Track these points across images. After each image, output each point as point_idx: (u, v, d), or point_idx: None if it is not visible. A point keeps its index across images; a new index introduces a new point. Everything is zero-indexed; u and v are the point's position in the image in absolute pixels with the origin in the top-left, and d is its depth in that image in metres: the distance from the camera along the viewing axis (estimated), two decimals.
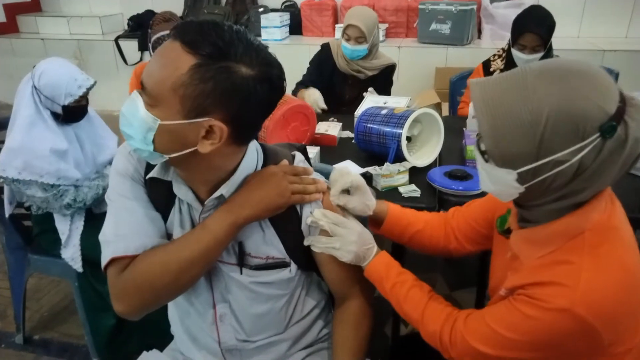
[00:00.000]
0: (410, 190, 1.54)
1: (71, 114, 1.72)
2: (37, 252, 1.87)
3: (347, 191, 1.02)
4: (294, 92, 2.42)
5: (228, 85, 0.76)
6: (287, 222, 0.97)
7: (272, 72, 0.81)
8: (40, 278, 2.43)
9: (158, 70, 0.78)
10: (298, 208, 0.98)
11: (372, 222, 1.12)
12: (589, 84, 0.71)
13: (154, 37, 2.21)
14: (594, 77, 0.72)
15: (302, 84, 2.46)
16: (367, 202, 1.04)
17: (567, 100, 0.70)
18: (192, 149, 0.81)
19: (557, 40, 2.17)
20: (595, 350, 0.78)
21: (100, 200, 1.78)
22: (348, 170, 1.04)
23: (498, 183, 0.80)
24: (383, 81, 2.50)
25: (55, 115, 1.70)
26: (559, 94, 0.70)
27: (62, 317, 2.20)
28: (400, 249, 1.62)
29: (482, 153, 0.81)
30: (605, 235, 0.77)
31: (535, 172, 0.74)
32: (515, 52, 2.16)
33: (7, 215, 1.79)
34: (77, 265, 1.73)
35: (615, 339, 0.77)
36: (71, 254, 1.72)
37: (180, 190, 0.92)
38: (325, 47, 2.54)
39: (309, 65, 2.56)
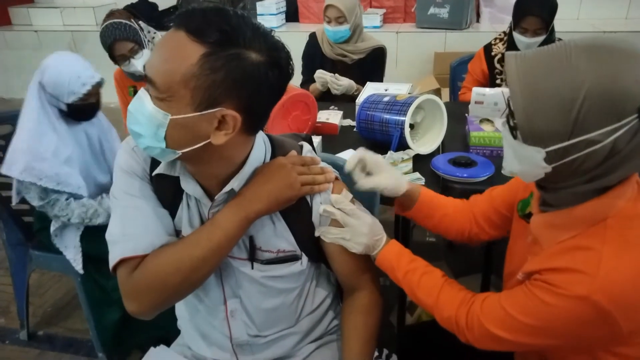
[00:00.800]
0: (415, 179, 1.52)
1: (77, 112, 1.65)
2: (38, 248, 1.86)
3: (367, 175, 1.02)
4: (307, 88, 2.43)
5: (239, 73, 0.74)
6: (298, 213, 0.96)
7: (281, 56, 0.79)
8: (43, 273, 2.42)
9: (164, 62, 0.75)
10: (308, 199, 0.96)
11: (399, 204, 1.10)
12: (632, 63, 0.68)
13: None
14: (638, 56, 0.69)
15: (307, 82, 2.48)
16: (398, 179, 1.04)
17: (608, 78, 0.67)
18: (205, 142, 0.79)
19: (557, 23, 2.13)
20: (614, 339, 0.77)
21: (91, 218, 1.69)
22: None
23: (525, 162, 0.78)
24: (372, 65, 2.48)
25: (63, 113, 1.65)
26: (602, 72, 0.68)
27: (65, 312, 2.20)
28: (404, 238, 1.61)
29: (511, 129, 0.78)
30: (629, 223, 0.75)
31: (565, 152, 0.72)
32: (516, 36, 2.12)
33: (13, 203, 1.73)
34: (79, 267, 1.71)
35: (636, 328, 0.76)
36: (73, 255, 1.70)
37: (189, 186, 0.91)
38: (312, 36, 2.57)
39: (302, 61, 2.59)
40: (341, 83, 2.27)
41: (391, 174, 1.04)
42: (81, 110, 1.66)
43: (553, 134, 0.72)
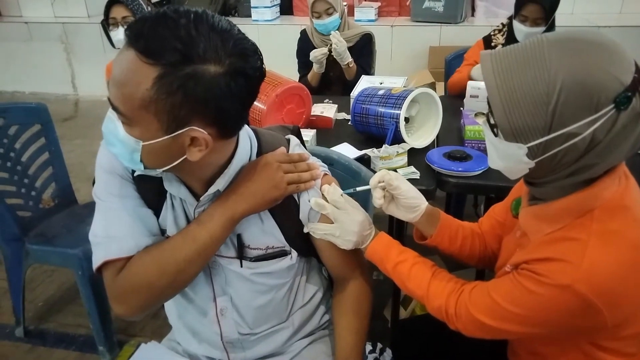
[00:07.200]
0: (409, 172, 1.51)
1: None
2: (36, 242, 1.82)
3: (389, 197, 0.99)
4: (305, 82, 2.48)
5: (199, 91, 0.70)
6: (285, 211, 0.95)
7: (244, 64, 0.72)
8: (34, 268, 2.39)
9: (121, 87, 0.71)
10: (295, 197, 0.95)
11: (418, 230, 1.06)
12: (605, 54, 0.69)
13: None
14: (610, 48, 0.70)
15: (304, 78, 2.55)
16: (418, 198, 0.99)
17: (582, 71, 0.68)
18: (182, 158, 0.77)
19: None
20: (599, 330, 0.78)
21: None
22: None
23: (507, 159, 0.78)
24: (361, 50, 2.54)
25: None
26: (575, 65, 0.68)
27: (57, 307, 2.18)
28: (398, 232, 1.60)
29: (492, 127, 0.79)
30: (615, 214, 0.76)
31: (547, 146, 0.73)
32: (516, 25, 2.11)
33: None
34: None
35: (621, 320, 0.76)
36: None
37: (172, 187, 0.89)
38: (303, 33, 2.65)
39: (297, 59, 2.66)
40: (343, 40, 2.33)
41: (412, 192, 0.99)
42: None
43: (532, 129, 0.72)
